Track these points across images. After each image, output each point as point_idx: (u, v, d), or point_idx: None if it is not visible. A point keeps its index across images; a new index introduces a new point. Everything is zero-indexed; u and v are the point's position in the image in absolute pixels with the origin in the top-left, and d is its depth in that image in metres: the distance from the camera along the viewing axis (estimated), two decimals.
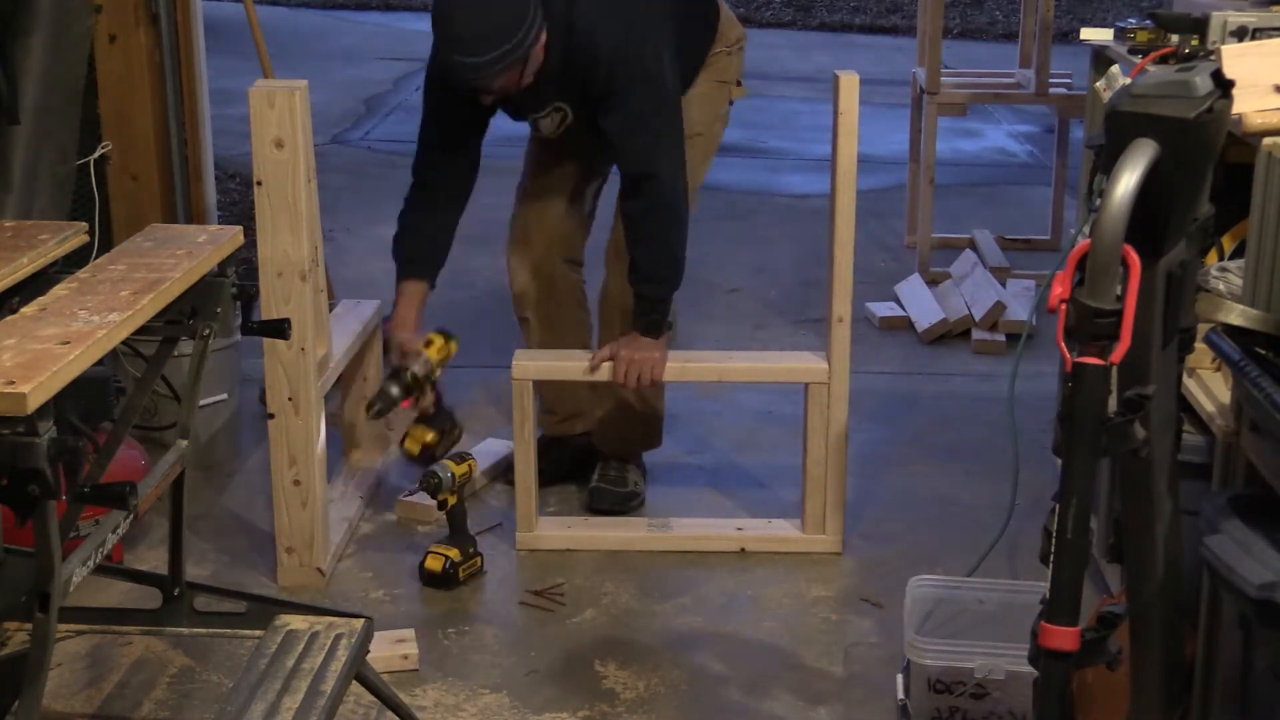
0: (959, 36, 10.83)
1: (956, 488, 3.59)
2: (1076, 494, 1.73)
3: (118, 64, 3.78)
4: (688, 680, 2.93)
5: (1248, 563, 1.90)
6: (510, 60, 3.08)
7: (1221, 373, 2.51)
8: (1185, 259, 1.84)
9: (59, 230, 2.50)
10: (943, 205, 5.62)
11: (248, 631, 2.59)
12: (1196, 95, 1.72)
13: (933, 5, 5.30)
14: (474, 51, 3.05)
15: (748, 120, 8.24)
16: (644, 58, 3.25)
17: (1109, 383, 1.72)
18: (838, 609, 3.19)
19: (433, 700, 2.83)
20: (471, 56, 3.06)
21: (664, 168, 3.28)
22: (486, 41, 3.05)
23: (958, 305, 4.91)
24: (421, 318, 3.44)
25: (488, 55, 3.05)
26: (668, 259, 3.34)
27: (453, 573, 3.24)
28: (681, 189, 3.33)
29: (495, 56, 3.06)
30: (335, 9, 11.96)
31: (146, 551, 3.31)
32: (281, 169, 3.03)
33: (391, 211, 3.55)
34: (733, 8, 3.69)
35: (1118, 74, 3.05)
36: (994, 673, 2.59)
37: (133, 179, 3.85)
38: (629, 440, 3.65)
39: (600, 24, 3.19)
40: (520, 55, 3.09)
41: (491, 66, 3.07)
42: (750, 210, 6.26)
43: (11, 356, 1.89)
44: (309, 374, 3.12)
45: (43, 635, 1.98)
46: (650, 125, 3.27)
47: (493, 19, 3.06)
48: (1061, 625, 1.76)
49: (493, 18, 3.06)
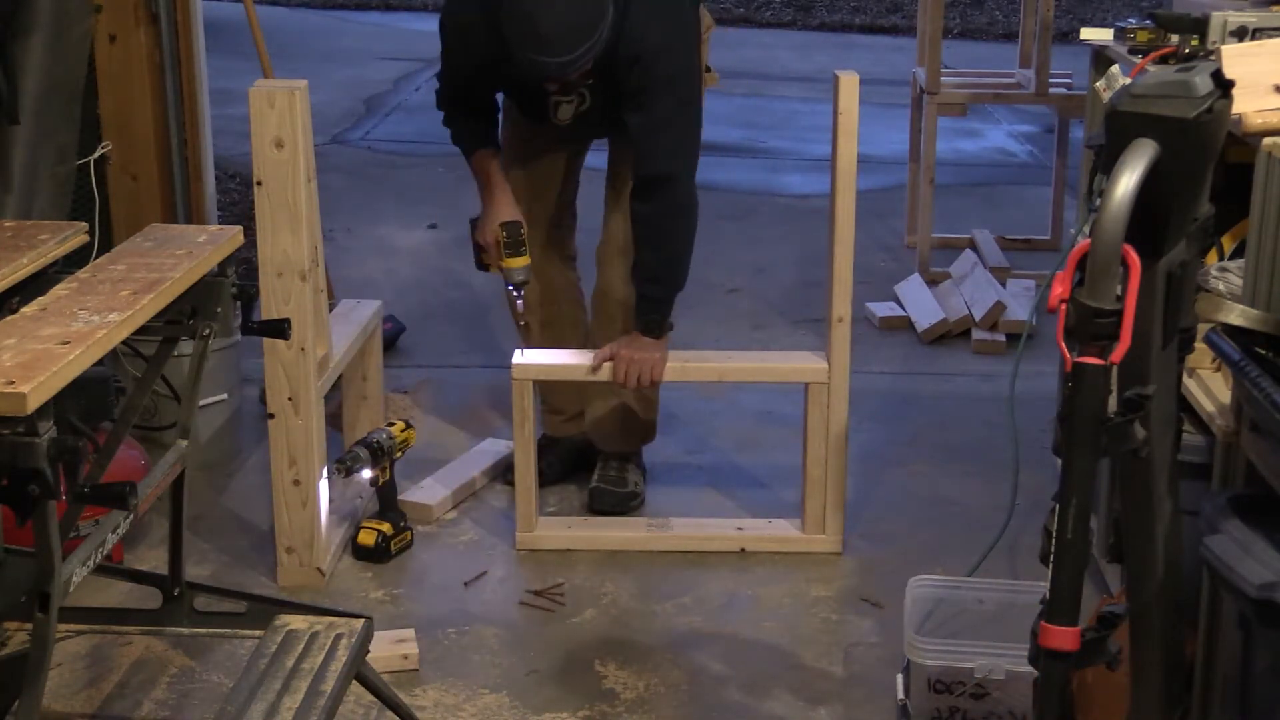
0: (959, 36, 10.83)
1: (956, 488, 3.59)
2: (1076, 494, 1.73)
3: (118, 64, 3.78)
4: (688, 680, 2.93)
5: (1248, 563, 1.90)
6: (590, 55, 3.09)
7: (1221, 373, 2.51)
8: (1185, 259, 1.84)
9: (59, 230, 2.50)
10: (943, 205, 5.62)
11: (248, 631, 2.59)
12: (1196, 95, 1.72)
13: (933, 5, 5.30)
14: (560, 51, 3.05)
15: (748, 120, 8.26)
16: (682, 59, 3.26)
17: (1109, 383, 1.72)
18: (838, 609, 3.19)
19: (433, 700, 2.83)
20: (558, 56, 3.05)
21: (682, 170, 3.30)
22: (572, 40, 3.05)
23: (958, 305, 4.91)
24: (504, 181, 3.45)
25: (573, 54, 3.06)
26: (675, 260, 3.34)
27: (384, 546, 3.32)
28: (694, 191, 3.34)
29: (580, 54, 3.07)
30: (335, 9, 11.96)
31: (146, 551, 3.31)
32: (281, 169, 3.03)
33: (391, 211, 3.56)
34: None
35: (1118, 74, 3.05)
36: (994, 673, 2.59)
37: (133, 179, 3.85)
38: (626, 436, 3.65)
39: (652, 23, 3.19)
40: (598, 49, 3.10)
41: (575, 64, 3.08)
42: (750, 210, 6.26)
43: (11, 356, 1.89)
44: (309, 374, 3.12)
45: (43, 635, 1.98)
46: (675, 126, 3.27)
47: (577, 19, 3.06)
48: (1061, 625, 1.76)
49: (577, 17, 3.06)
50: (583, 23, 3.06)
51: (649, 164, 3.28)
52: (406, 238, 5.73)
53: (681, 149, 3.30)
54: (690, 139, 3.31)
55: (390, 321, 4.52)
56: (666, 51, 3.21)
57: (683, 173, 3.30)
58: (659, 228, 3.31)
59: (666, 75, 3.22)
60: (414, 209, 6.09)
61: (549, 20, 3.05)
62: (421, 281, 5.25)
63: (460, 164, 3.68)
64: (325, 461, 3.22)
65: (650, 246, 3.32)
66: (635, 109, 3.24)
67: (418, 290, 5.13)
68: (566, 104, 3.33)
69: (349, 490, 3.58)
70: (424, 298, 5.07)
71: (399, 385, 4.23)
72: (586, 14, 3.07)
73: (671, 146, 3.27)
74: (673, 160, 3.28)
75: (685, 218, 3.33)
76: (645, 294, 3.34)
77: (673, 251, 3.33)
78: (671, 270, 3.35)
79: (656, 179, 3.27)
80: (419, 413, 4.12)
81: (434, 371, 4.47)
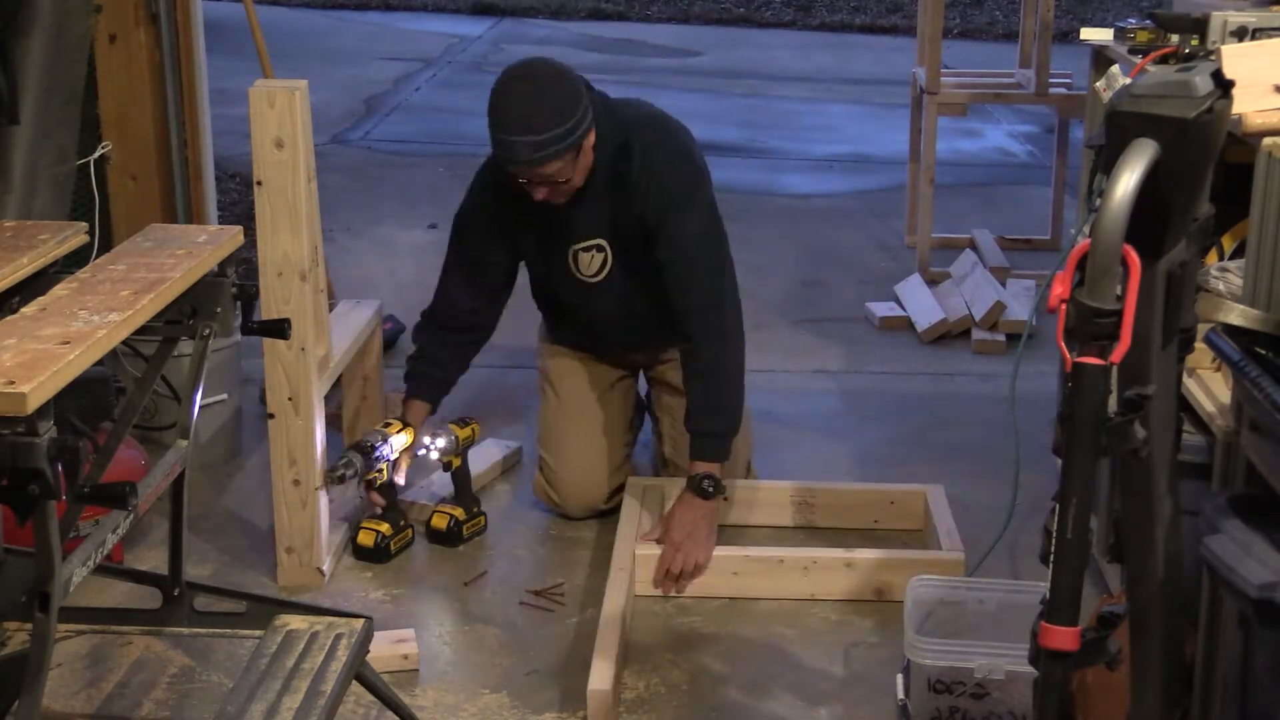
0: (959, 36, 10.83)
1: (956, 488, 3.59)
2: (1076, 494, 1.73)
3: (118, 64, 3.78)
4: (688, 680, 2.93)
5: (1248, 563, 1.90)
6: (565, 144, 3.06)
7: (1221, 373, 2.51)
8: (1185, 259, 1.84)
9: (59, 230, 2.50)
10: (943, 205, 5.61)
11: (248, 631, 2.59)
12: (1196, 95, 1.72)
13: (933, 5, 5.30)
14: (532, 130, 3.03)
15: (748, 120, 8.26)
16: (696, 182, 3.28)
17: (1109, 383, 1.72)
18: (838, 609, 3.18)
19: (433, 700, 2.83)
20: (529, 135, 3.03)
21: (726, 297, 3.30)
22: (543, 120, 3.04)
23: (958, 305, 4.91)
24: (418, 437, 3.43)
25: (545, 134, 3.03)
26: (724, 389, 3.28)
27: (384, 546, 3.31)
28: (739, 320, 3.35)
29: (552, 136, 3.04)
30: (335, 9, 11.96)
31: (146, 551, 3.31)
32: (281, 169, 3.03)
33: (391, 211, 3.56)
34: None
35: (1118, 74, 3.05)
36: (994, 673, 2.59)
37: (133, 179, 3.85)
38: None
39: (655, 148, 3.22)
40: (574, 141, 3.08)
41: (547, 146, 3.05)
42: (750, 210, 6.26)
43: (11, 356, 1.89)
44: (309, 374, 3.12)
45: (43, 635, 1.98)
46: (709, 250, 3.29)
47: (549, 100, 3.06)
48: (1061, 625, 1.76)
49: (549, 99, 3.06)
50: (556, 104, 3.06)
51: (693, 296, 3.26)
52: (406, 238, 5.73)
53: (723, 275, 3.31)
54: (726, 264, 3.33)
55: (390, 321, 4.52)
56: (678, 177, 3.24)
57: (727, 300, 3.30)
58: (704, 357, 3.26)
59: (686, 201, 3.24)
60: (414, 209, 6.08)
61: (520, 99, 3.07)
62: (421, 281, 5.22)
63: (460, 164, 3.70)
64: (325, 461, 3.22)
65: (697, 378, 3.26)
66: (663, 240, 3.24)
67: (418, 290, 5.10)
68: (587, 253, 3.33)
69: (350, 489, 3.58)
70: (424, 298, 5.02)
71: (399, 385, 4.23)
72: (560, 97, 3.07)
73: (712, 273, 3.29)
74: (715, 288, 3.28)
75: (730, 343, 3.29)
76: (698, 431, 3.26)
77: (722, 379, 3.27)
78: (723, 401, 3.28)
79: (702, 309, 3.26)
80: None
81: None
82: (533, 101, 3.07)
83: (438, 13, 12.02)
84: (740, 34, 11.31)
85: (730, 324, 3.31)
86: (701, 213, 3.29)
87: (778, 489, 3.51)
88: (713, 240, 3.31)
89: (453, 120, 8.15)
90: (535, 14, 12.01)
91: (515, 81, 3.11)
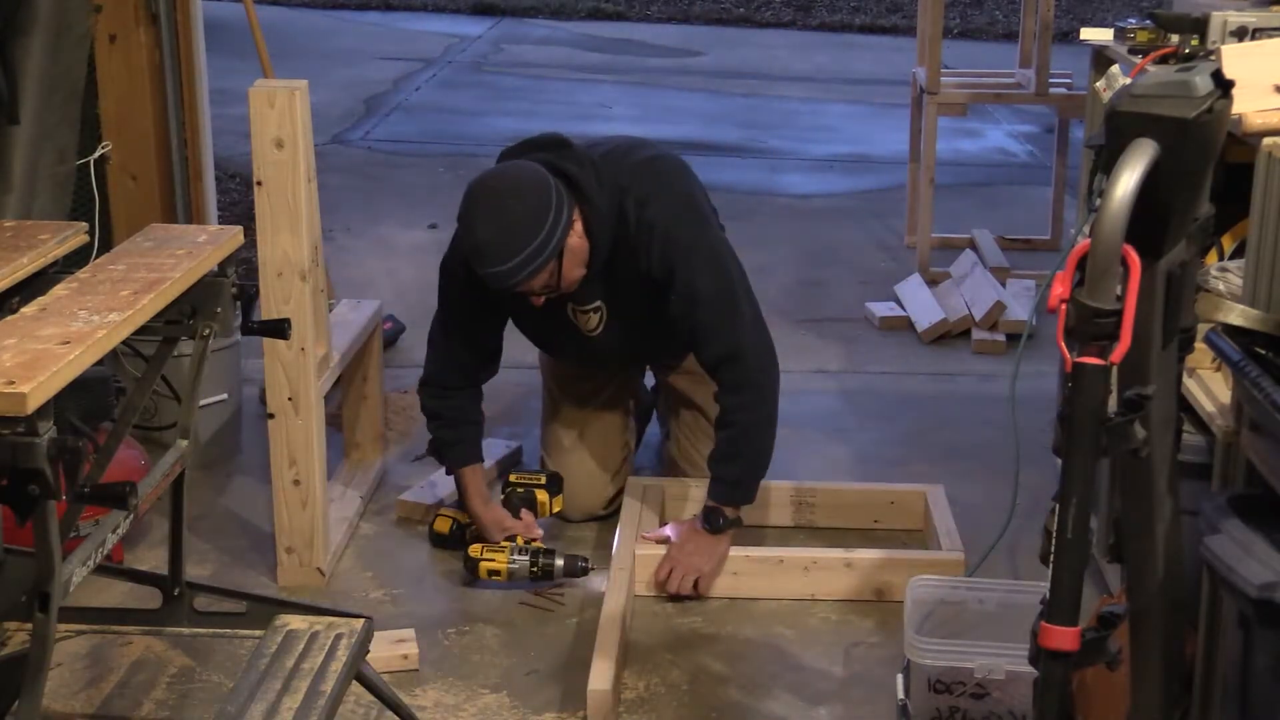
0: (959, 36, 10.82)
1: (956, 488, 3.59)
2: (1076, 494, 1.73)
3: (118, 64, 3.77)
4: (688, 680, 2.93)
5: (1248, 563, 1.90)
6: (541, 259, 2.98)
7: (1221, 373, 2.51)
8: (1185, 259, 1.84)
9: (59, 230, 2.50)
10: (943, 205, 5.61)
11: (248, 631, 2.59)
12: (1196, 95, 1.72)
13: (933, 5, 5.30)
14: (501, 259, 2.97)
15: (748, 120, 8.26)
16: (698, 229, 3.18)
17: (1109, 383, 1.72)
18: (838, 609, 3.18)
19: (433, 700, 2.83)
20: (499, 265, 2.97)
21: (748, 345, 3.17)
22: (510, 246, 2.96)
23: (958, 305, 4.91)
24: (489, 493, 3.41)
25: (515, 260, 2.96)
26: (751, 435, 3.19)
27: (459, 535, 3.34)
28: (770, 366, 3.20)
29: (523, 259, 2.96)
30: (335, 9, 11.96)
31: (146, 551, 3.31)
32: (281, 169, 3.02)
33: (391, 211, 3.55)
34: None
35: (1118, 74, 3.05)
36: (994, 673, 2.59)
37: (133, 179, 3.85)
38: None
39: (648, 203, 3.13)
40: (552, 252, 2.99)
41: (522, 269, 2.98)
42: (750, 210, 6.26)
43: (11, 356, 1.89)
44: (309, 374, 3.12)
45: (43, 635, 1.98)
46: (722, 300, 3.16)
47: (512, 221, 2.96)
48: (1061, 625, 1.76)
49: (511, 220, 2.96)
50: (520, 224, 2.95)
51: (712, 349, 3.18)
52: (406, 238, 5.73)
53: (742, 322, 3.17)
54: (748, 310, 3.19)
55: (390, 321, 4.52)
56: (682, 231, 3.14)
57: (749, 349, 3.16)
58: (727, 408, 3.18)
59: (694, 250, 3.14)
60: (414, 209, 6.08)
61: (484, 227, 2.98)
62: (421, 281, 5.23)
63: (460, 164, 3.70)
64: (324, 461, 3.22)
65: (721, 426, 3.19)
66: (673, 298, 3.16)
67: (418, 290, 5.11)
68: (584, 314, 3.28)
69: (350, 489, 3.58)
70: (424, 298, 5.01)
71: (399, 385, 4.23)
72: (524, 214, 2.96)
73: (729, 322, 3.15)
74: (734, 337, 3.15)
75: (754, 395, 3.17)
76: (719, 475, 3.19)
77: (744, 428, 3.17)
78: (744, 449, 3.19)
79: (719, 362, 3.18)
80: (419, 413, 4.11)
81: None
82: (499, 227, 2.96)
83: (438, 13, 12.02)
84: (740, 34, 11.31)
85: (755, 374, 3.17)
86: (708, 260, 3.17)
87: (778, 489, 3.50)
88: (725, 288, 3.17)
89: (453, 120, 8.15)
90: (535, 14, 12.00)
91: (478, 205, 3.00)
